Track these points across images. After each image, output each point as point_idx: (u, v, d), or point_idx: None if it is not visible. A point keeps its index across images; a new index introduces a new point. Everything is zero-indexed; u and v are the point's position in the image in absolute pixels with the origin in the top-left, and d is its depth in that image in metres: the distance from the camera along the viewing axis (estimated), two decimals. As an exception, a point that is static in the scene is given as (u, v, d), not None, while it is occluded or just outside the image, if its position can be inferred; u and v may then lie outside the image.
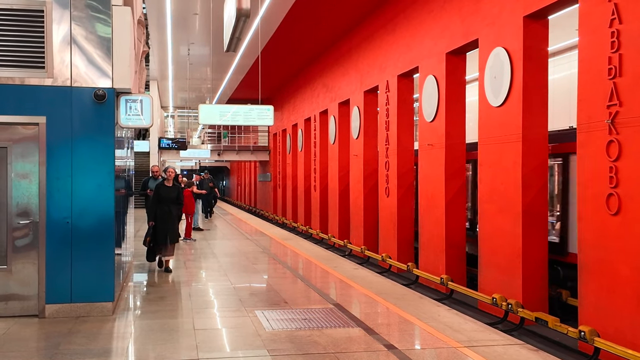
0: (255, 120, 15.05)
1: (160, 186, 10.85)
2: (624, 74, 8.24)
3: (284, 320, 7.13)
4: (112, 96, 7.25)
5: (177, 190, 10.99)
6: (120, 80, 7.26)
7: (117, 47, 7.22)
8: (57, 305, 7.11)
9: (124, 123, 7.61)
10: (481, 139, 11.79)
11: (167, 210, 10.66)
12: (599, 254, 8.70)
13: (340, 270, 10.78)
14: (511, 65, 10.76)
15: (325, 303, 8.03)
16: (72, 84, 7.12)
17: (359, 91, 19.19)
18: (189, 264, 12.14)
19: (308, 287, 9.29)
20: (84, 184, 7.18)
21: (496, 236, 11.27)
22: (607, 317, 8.51)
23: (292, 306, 7.86)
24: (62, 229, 7.12)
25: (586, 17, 8.97)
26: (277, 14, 17.29)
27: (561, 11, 10.56)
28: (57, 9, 7.06)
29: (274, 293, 8.79)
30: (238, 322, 7.06)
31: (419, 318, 7.14)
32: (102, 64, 7.21)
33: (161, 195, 10.70)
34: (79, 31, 7.14)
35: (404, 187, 16.21)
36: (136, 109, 7.60)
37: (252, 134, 39.95)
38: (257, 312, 7.51)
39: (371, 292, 8.77)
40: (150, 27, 19.62)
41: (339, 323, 6.95)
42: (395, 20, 16.12)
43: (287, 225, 30.16)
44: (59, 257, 7.11)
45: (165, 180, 10.95)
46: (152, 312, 7.65)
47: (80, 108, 7.14)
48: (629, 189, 8.15)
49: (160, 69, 27.19)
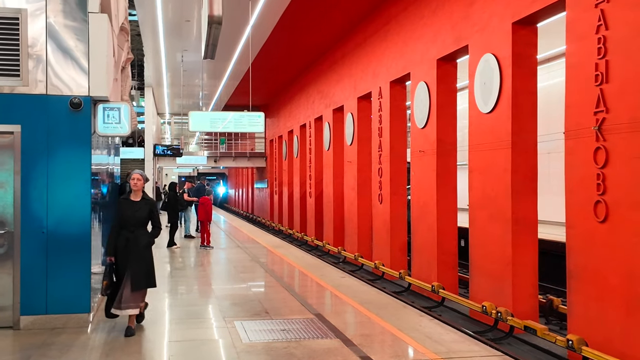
0: (246, 127, 15.02)
1: (123, 202, 7.17)
2: (611, 81, 8.16)
3: (263, 331, 7.02)
4: (89, 104, 7.16)
5: (148, 207, 7.20)
6: (97, 88, 7.16)
7: (93, 54, 7.13)
8: (32, 317, 6.99)
9: (101, 131, 7.51)
10: (471, 146, 11.72)
11: (131, 238, 7.04)
12: (587, 261, 8.61)
13: (327, 279, 10.67)
14: (500, 72, 10.69)
15: (306, 313, 7.92)
16: (47, 92, 7.03)
17: (352, 97, 19.12)
18: (174, 272, 12.03)
19: (292, 296, 9.17)
20: (59, 193, 7.07)
21: (487, 243, 11.17)
22: (596, 325, 8.40)
23: (273, 316, 7.75)
24: (38, 239, 7.01)
25: (573, 23, 8.90)
26: (269, 21, 17.23)
27: (551, 18, 10.49)
28: (33, 16, 6.98)
29: (257, 303, 8.68)
30: (215, 334, 6.96)
31: (400, 329, 7.03)
32: (79, 72, 7.12)
33: (124, 216, 7.08)
34: (55, 39, 7.05)
35: (397, 193, 16.12)
36: (114, 117, 7.50)
37: (249, 141, 39.88)
38: (237, 323, 7.40)
39: (355, 301, 8.66)
40: (144, 34, 19.58)
41: (318, 334, 6.84)
42: (387, 26, 16.06)
43: (283, 232, 30.08)
44: (34, 267, 7.00)
45: (130, 193, 7.26)
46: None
47: (56, 116, 7.04)
48: (616, 196, 8.07)
49: (156, 76, 27.15)
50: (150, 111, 31.99)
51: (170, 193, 16.92)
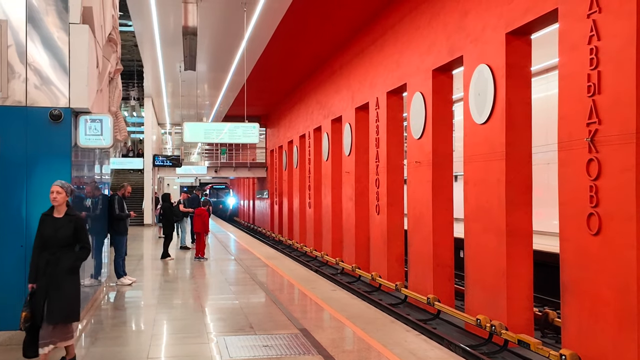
0: (241, 137, 14.93)
1: (44, 219, 6.08)
2: (603, 92, 8.05)
3: (244, 347, 6.87)
4: (69, 116, 7.05)
5: (72, 225, 6.05)
6: (78, 100, 7.06)
7: (74, 65, 7.04)
8: (9, 332, 6.85)
9: (83, 143, 7.41)
10: (466, 157, 11.60)
11: (51, 261, 5.91)
12: (580, 274, 8.48)
13: (317, 292, 10.52)
14: (494, 82, 10.59)
15: (291, 328, 7.77)
16: (27, 103, 6.94)
17: (350, 108, 19.05)
18: (164, 285, 11.90)
19: (279, 310, 9.02)
20: (38, 206, 6.94)
21: (481, 255, 11.04)
22: (589, 340, 8.26)
23: (257, 331, 7.61)
24: (16, 254, 6.89)
25: (566, 34, 8.81)
26: (266, 32, 17.19)
27: (545, 29, 10.39)
28: (12, 27, 6.90)
29: (243, 317, 8.53)
30: (195, 350, 6.80)
31: (384, 344, 6.87)
32: (59, 83, 7.03)
33: (43, 235, 5.99)
34: (35, 50, 6.97)
35: (394, 204, 16.00)
36: (96, 128, 7.39)
37: (249, 151, 39.88)
38: (219, 338, 7.25)
39: (343, 316, 8.50)
40: (141, 45, 19.58)
41: (300, 350, 6.69)
42: (384, 36, 15.99)
43: (283, 242, 29.97)
44: (12, 282, 6.87)
45: (53, 209, 6.11)
46: (110, 339, 7.40)
47: (35, 128, 6.93)
48: (609, 209, 7.94)
49: (155, 87, 27.14)
50: (150, 121, 31.95)
51: (165, 204, 16.78)
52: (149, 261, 15.63)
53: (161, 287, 11.51)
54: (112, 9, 9.73)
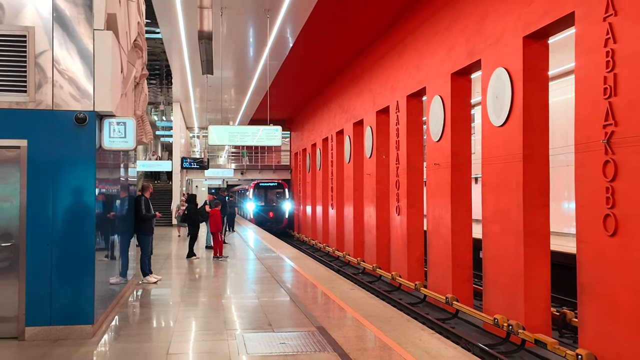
0: (264, 140, 15.14)
1: None
2: (619, 94, 8.10)
3: (262, 344, 7.04)
4: (94, 119, 7.32)
5: None
6: (102, 103, 7.32)
7: (98, 70, 7.30)
8: (36, 328, 7.12)
9: (107, 146, 7.67)
10: (484, 159, 11.68)
11: None
12: (597, 276, 8.52)
13: (336, 292, 10.67)
14: (512, 85, 10.66)
15: (309, 326, 7.93)
16: (53, 107, 7.21)
17: (371, 111, 19.21)
18: (189, 283, 12.15)
19: (297, 308, 9.19)
20: (64, 207, 7.23)
21: (499, 256, 11.11)
22: (606, 340, 8.30)
23: (275, 329, 7.78)
24: (43, 252, 7.15)
25: (582, 37, 8.87)
26: (288, 38, 17.43)
27: (562, 33, 10.43)
28: (40, 34, 7.18)
29: (262, 315, 8.71)
30: (214, 347, 6.99)
31: (399, 343, 7.00)
32: (84, 88, 7.30)
33: None
34: (61, 55, 7.24)
35: (414, 206, 16.11)
36: (120, 131, 7.65)
37: (274, 153, 40.26)
38: (237, 335, 7.44)
39: (359, 314, 8.64)
40: (169, 51, 19.93)
41: (316, 347, 6.85)
42: (404, 41, 16.13)
43: (306, 242, 30.22)
44: (39, 279, 7.14)
45: None
46: (133, 335, 7.62)
47: (61, 131, 7.21)
48: (626, 210, 7.98)
49: (183, 92, 27.65)
50: (178, 125, 32.49)
51: (190, 205, 17.09)
52: (174, 260, 15.94)
53: (186, 286, 11.76)
54: (138, 15, 9.99)
